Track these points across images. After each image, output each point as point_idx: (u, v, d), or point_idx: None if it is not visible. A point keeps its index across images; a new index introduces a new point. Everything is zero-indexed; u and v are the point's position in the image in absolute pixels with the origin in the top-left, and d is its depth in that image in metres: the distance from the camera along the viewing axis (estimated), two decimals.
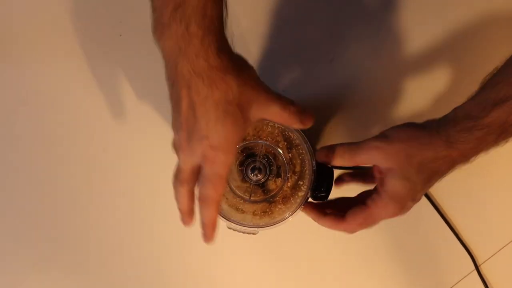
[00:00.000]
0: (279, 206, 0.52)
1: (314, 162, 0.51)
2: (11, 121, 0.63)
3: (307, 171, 0.51)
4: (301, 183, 0.52)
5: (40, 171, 0.63)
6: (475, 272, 0.64)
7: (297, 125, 0.46)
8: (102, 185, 0.64)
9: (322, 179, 0.51)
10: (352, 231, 0.50)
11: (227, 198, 0.53)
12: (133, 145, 0.64)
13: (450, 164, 0.47)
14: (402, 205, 0.47)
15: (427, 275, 0.65)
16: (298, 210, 0.51)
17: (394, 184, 0.47)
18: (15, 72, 0.63)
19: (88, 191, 0.64)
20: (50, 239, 0.64)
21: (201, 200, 0.46)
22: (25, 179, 0.64)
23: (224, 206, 0.53)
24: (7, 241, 0.63)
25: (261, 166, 0.52)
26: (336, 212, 0.51)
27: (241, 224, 0.51)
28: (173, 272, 0.65)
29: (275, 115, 0.46)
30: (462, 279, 0.65)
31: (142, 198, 0.64)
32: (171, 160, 0.63)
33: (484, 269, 0.65)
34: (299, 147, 0.52)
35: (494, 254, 0.65)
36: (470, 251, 0.64)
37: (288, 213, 0.51)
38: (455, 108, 0.48)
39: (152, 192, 0.64)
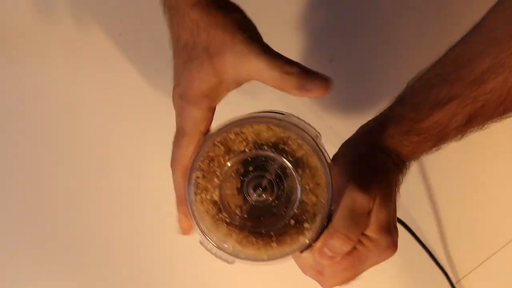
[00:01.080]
0: (272, 245, 0.38)
1: (331, 203, 0.37)
2: (10, 120, 0.63)
3: (321, 210, 0.37)
4: (308, 226, 0.38)
5: (40, 170, 0.64)
6: None
7: (295, 92, 0.35)
8: (103, 185, 0.64)
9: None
10: (334, 278, 0.40)
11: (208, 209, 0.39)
12: (133, 144, 0.64)
13: (400, 172, 0.42)
14: (394, 238, 0.39)
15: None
16: (291, 256, 0.39)
17: (379, 216, 0.38)
18: (13, 71, 0.63)
19: (88, 191, 0.64)
20: (50, 239, 0.64)
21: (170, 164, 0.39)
22: (24, 178, 0.64)
23: (204, 217, 0.39)
24: (7, 241, 0.64)
25: (268, 186, 0.38)
26: None
27: (218, 247, 0.39)
28: (173, 272, 0.65)
29: (259, 72, 0.35)
30: None
31: (143, 198, 0.64)
32: None
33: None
34: (318, 173, 0.38)
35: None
36: (445, 270, 0.64)
37: (277, 255, 0.38)
38: (387, 111, 0.42)
39: (153, 192, 0.64)
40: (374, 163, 0.40)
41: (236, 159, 0.38)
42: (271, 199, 0.39)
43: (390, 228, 0.39)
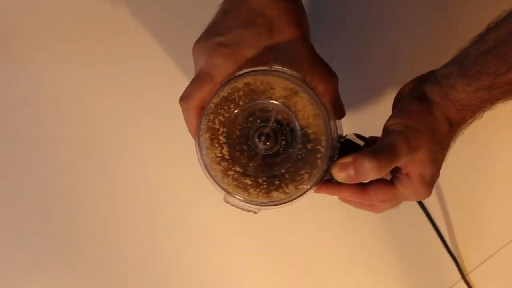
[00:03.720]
0: (287, 184, 0.42)
1: (333, 137, 0.41)
2: (9, 120, 0.63)
3: (319, 147, 0.41)
4: (315, 157, 0.41)
5: (40, 170, 0.64)
6: (462, 281, 0.65)
7: (320, 88, 0.41)
8: (102, 184, 0.64)
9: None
10: (372, 203, 0.45)
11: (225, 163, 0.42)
12: (133, 143, 0.64)
13: (458, 128, 0.44)
14: (431, 188, 0.43)
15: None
16: (311, 191, 0.42)
17: (424, 170, 0.42)
18: (14, 71, 0.63)
19: (87, 190, 0.64)
20: (50, 239, 0.64)
21: (180, 99, 0.42)
22: (24, 177, 0.64)
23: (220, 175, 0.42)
24: (7, 241, 0.64)
25: (270, 133, 0.41)
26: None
27: (244, 200, 0.41)
28: (172, 271, 0.65)
29: (300, 64, 0.41)
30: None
31: (143, 198, 0.64)
32: (172, 159, 0.64)
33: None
34: (311, 114, 0.41)
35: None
36: (458, 260, 0.64)
37: (296, 193, 0.41)
38: (461, 59, 0.41)
39: (152, 191, 0.64)
40: (432, 125, 0.42)
41: (235, 116, 0.41)
42: (277, 144, 0.42)
43: (431, 181, 0.43)
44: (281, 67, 0.40)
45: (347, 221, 0.65)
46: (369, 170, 0.39)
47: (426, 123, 0.42)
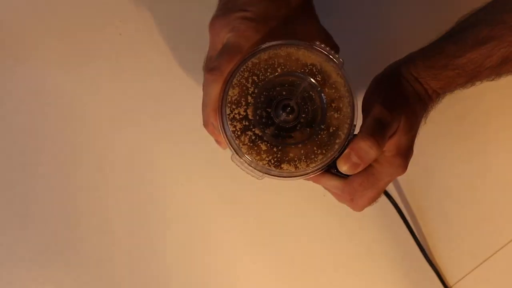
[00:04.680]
0: (299, 161, 0.42)
1: (353, 118, 0.41)
2: (9, 120, 0.63)
3: (345, 125, 0.41)
4: (331, 142, 0.42)
5: (40, 170, 0.64)
6: None
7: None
8: (102, 184, 0.64)
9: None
10: (353, 193, 0.44)
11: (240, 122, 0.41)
12: (133, 143, 0.64)
13: (426, 105, 0.46)
14: (407, 160, 0.44)
15: None
16: (318, 172, 0.42)
17: (401, 139, 0.43)
18: (13, 71, 0.63)
19: (87, 191, 0.64)
20: (50, 239, 0.64)
21: (206, 70, 0.42)
22: (24, 177, 0.64)
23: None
24: (7, 241, 0.63)
25: (295, 107, 0.42)
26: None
27: (249, 163, 0.41)
28: (173, 271, 0.65)
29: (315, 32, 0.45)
30: None
31: (143, 198, 0.64)
32: (172, 160, 0.64)
33: None
34: (342, 99, 0.42)
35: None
36: (440, 273, 0.64)
37: (299, 172, 0.42)
38: (429, 45, 0.46)
39: (152, 191, 0.64)
40: (402, 92, 0.44)
41: (268, 80, 0.42)
42: (297, 119, 0.42)
43: (407, 152, 0.43)
44: (323, 46, 0.41)
45: (346, 222, 0.65)
46: (369, 149, 0.40)
47: (400, 93, 0.44)
